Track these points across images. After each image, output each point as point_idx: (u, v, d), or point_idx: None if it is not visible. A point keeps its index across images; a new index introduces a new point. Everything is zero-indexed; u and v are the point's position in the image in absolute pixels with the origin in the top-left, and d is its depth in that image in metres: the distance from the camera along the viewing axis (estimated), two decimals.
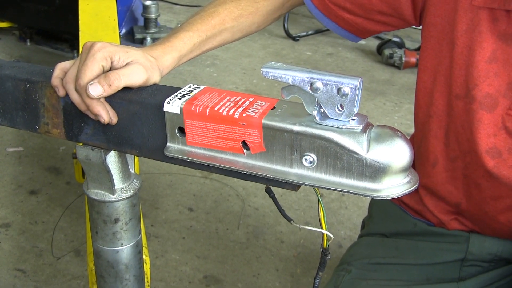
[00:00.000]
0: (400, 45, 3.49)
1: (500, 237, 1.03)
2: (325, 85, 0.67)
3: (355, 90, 0.66)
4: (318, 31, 3.90)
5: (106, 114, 0.80)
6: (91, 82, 0.77)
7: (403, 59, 3.35)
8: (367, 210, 2.13)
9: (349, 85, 0.66)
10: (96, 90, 0.77)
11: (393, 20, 1.03)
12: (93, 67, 0.78)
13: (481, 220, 1.01)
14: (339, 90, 0.66)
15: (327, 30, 3.83)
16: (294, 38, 3.79)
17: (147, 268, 1.23)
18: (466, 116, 0.93)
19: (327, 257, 0.77)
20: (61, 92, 0.83)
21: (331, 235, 0.75)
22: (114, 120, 0.81)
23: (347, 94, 0.66)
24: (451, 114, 0.96)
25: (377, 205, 1.18)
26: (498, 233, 1.02)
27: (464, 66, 0.92)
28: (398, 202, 1.12)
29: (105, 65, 0.80)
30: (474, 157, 0.94)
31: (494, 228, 1.01)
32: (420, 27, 1.01)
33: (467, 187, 0.99)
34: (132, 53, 0.83)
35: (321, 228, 0.75)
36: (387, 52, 3.42)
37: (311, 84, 0.67)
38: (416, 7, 0.99)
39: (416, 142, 1.07)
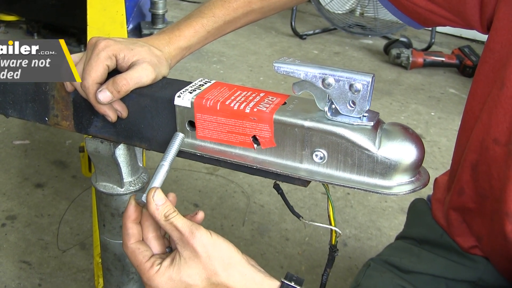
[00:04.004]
0: (408, 45, 3.48)
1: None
2: (337, 81, 0.66)
3: (367, 86, 0.65)
4: (325, 30, 3.89)
5: (113, 114, 0.80)
6: (100, 89, 0.77)
7: (410, 59, 3.34)
8: (372, 209, 2.14)
9: (361, 81, 0.65)
10: (105, 96, 0.77)
11: (458, 21, 0.91)
12: (97, 68, 0.77)
13: (499, 263, 0.96)
14: (351, 86, 0.66)
15: (334, 29, 3.83)
16: (301, 37, 3.78)
17: None
18: (503, 164, 0.83)
19: (335, 254, 0.77)
20: (69, 88, 0.83)
21: (339, 231, 0.75)
22: (124, 114, 0.81)
23: (359, 91, 0.66)
24: (485, 155, 0.86)
25: (414, 210, 1.14)
26: None
27: (509, 114, 0.81)
28: (433, 215, 1.07)
29: (109, 65, 0.79)
30: (503, 208, 0.84)
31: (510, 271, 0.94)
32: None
33: (492, 228, 0.91)
34: (137, 50, 0.81)
35: (330, 224, 0.75)
36: (394, 52, 3.41)
37: (323, 80, 0.67)
38: (483, 15, 0.86)
39: (454, 163, 1.00)
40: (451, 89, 3.21)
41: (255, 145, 0.73)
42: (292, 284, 0.70)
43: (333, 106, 0.68)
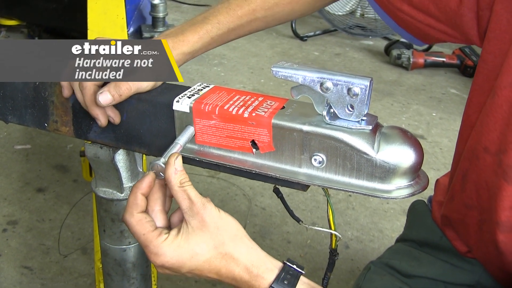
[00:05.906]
0: (408, 46, 3.47)
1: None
2: (335, 85, 0.66)
3: (366, 90, 0.65)
4: (325, 31, 3.89)
5: (103, 118, 0.80)
6: (101, 91, 0.77)
7: (411, 60, 3.34)
8: (374, 211, 2.14)
9: (359, 85, 0.65)
10: (106, 99, 0.77)
11: (457, 36, 0.90)
12: None
13: (493, 272, 0.95)
14: (349, 90, 0.66)
15: (335, 30, 3.82)
16: (301, 38, 3.78)
17: (153, 267, 1.23)
18: (492, 173, 0.82)
19: (336, 258, 0.76)
20: (65, 92, 0.83)
21: (339, 235, 0.74)
22: (117, 120, 0.81)
23: (358, 94, 0.66)
24: (475, 163, 0.85)
25: (413, 212, 1.13)
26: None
27: (500, 122, 0.80)
28: (433, 216, 1.06)
29: None
30: (493, 217, 0.84)
31: (504, 280, 0.93)
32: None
33: (482, 238, 0.90)
34: None
35: (330, 228, 0.75)
36: (395, 52, 3.41)
37: (321, 84, 0.67)
38: (480, 29, 0.85)
39: (452, 169, 0.99)
40: (452, 89, 3.21)
41: (254, 150, 0.73)
42: (294, 267, 0.70)
43: (332, 110, 0.68)
